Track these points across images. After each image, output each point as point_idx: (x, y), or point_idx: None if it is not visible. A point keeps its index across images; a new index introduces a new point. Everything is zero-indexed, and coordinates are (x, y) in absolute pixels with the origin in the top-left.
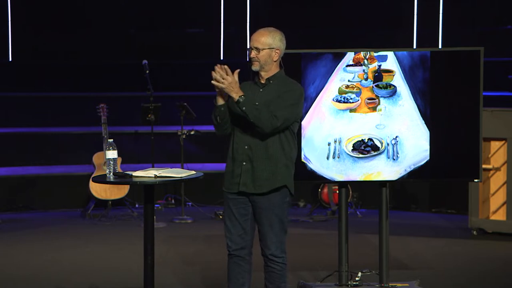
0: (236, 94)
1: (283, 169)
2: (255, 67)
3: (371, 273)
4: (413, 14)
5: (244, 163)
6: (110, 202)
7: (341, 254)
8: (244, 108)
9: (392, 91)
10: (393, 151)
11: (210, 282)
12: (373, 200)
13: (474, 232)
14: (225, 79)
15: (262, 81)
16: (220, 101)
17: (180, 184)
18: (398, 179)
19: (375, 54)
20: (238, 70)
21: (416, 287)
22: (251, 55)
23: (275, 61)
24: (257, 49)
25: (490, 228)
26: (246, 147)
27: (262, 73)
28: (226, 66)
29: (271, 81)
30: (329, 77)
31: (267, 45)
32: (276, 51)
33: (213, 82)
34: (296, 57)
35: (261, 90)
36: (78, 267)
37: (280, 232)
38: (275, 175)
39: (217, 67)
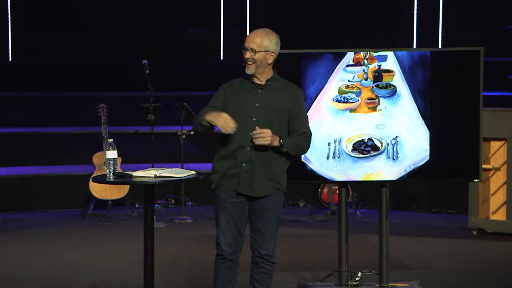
0: (277, 142)
1: (283, 170)
2: (250, 70)
3: (371, 273)
4: (413, 14)
5: (244, 164)
6: (110, 202)
7: (341, 254)
8: (286, 150)
9: (392, 91)
10: (393, 151)
11: (210, 282)
12: (373, 200)
13: (474, 232)
14: (265, 133)
15: (260, 83)
16: (207, 123)
17: (180, 184)
18: (398, 179)
19: (375, 54)
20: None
21: (416, 287)
22: (246, 56)
23: (269, 64)
24: (253, 51)
25: (490, 228)
26: (248, 148)
27: (257, 75)
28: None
29: (269, 82)
30: (329, 77)
31: (263, 48)
32: (271, 54)
33: (259, 143)
34: (296, 57)
35: (260, 91)
36: (78, 267)
37: (276, 233)
38: (279, 177)
39: (256, 132)
